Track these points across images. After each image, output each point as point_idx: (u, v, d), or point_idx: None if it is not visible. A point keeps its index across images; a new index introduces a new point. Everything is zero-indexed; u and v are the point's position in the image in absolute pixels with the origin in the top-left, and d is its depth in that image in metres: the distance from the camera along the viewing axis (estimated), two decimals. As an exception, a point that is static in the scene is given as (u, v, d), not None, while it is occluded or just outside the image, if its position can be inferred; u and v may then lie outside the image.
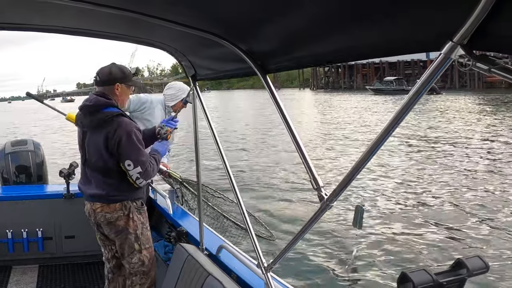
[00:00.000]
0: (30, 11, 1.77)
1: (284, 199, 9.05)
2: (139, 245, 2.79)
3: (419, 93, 0.98)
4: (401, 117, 1.05)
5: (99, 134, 2.68)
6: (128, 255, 2.80)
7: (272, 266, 1.95)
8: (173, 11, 1.61)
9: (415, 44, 1.00)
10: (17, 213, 4.00)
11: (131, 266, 2.81)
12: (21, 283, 3.80)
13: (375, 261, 6.08)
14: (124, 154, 2.62)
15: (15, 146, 4.52)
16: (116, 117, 2.67)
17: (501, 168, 11.24)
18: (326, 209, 1.43)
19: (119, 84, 2.78)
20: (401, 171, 11.42)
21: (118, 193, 2.73)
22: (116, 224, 2.75)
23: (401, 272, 1.24)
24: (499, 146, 14.51)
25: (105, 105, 2.70)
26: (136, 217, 2.78)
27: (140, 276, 2.82)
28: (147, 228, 2.87)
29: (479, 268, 1.31)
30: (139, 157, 2.65)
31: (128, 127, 2.66)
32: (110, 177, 2.71)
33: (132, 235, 2.76)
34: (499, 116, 23.46)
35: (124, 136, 2.62)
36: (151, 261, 2.85)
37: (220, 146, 2.39)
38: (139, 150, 2.67)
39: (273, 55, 1.62)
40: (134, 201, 2.78)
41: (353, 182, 1.31)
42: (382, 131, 1.12)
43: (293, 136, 1.55)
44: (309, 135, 19.44)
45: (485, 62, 0.78)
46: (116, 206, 2.73)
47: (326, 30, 1.21)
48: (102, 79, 2.78)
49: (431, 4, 0.85)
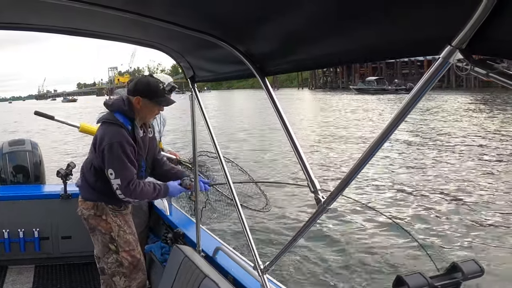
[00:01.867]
0: (30, 11, 1.77)
1: (281, 200, 9.04)
2: (115, 247, 2.79)
3: (417, 97, 0.98)
4: (398, 121, 1.05)
5: (97, 132, 2.75)
6: (104, 254, 2.84)
7: (268, 268, 1.95)
8: (172, 12, 1.61)
9: (414, 48, 1.00)
10: (14, 213, 3.99)
11: (108, 266, 2.83)
12: (17, 283, 3.79)
13: (370, 264, 6.08)
14: (107, 162, 2.63)
15: (13, 146, 4.51)
16: (112, 125, 2.67)
17: (498, 170, 11.27)
18: (323, 212, 1.43)
19: (141, 98, 2.71)
20: (397, 174, 11.43)
21: (93, 191, 2.79)
22: (89, 221, 2.82)
23: (396, 276, 1.25)
24: (498, 146, 14.55)
25: (118, 110, 2.72)
26: (111, 219, 2.78)
27: (121, 277, 2.79)
28: (127, 231, 2.82)
29: (474, 271, 1.32)
30: (120, 169, 2.61)
31: (116, 138, 2.62)
32: (91, 175, 2.78)
33: (105, 235, 2.79)
34: (495, 115, 23.78)
35: (108, 145, 2.62)
36: (134, 263, 2.81)
37: (218, 148, 2.39)
38: (122, 163, 2.61)
39: (272, 57, 1.62)
40: (109, 204, 2.79)
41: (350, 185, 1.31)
42: (379, 135, 1.12)
43: (291, 139, 1.56)
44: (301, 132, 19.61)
45: (483, 67, 0.78)
46: (89, 204, 2.80)
47: (325, 33, 1.22)
48: (129, 87, 2.80)
49: (430, 8, 0.85)
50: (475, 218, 7.80)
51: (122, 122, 2.68)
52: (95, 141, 2.71)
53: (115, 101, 2.78)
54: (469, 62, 0.80)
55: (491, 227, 7.36)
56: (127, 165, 2.63)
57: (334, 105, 39.50)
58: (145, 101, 2.71)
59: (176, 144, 14.07)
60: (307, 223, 1.55)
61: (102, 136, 2.66)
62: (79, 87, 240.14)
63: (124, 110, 2.71)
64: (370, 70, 68.11)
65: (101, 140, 2.65)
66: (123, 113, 2.71)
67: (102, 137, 2.66)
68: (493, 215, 7.90)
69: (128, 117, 2.71)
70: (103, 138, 2.64)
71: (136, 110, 2.73)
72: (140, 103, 2.71)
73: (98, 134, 2.71)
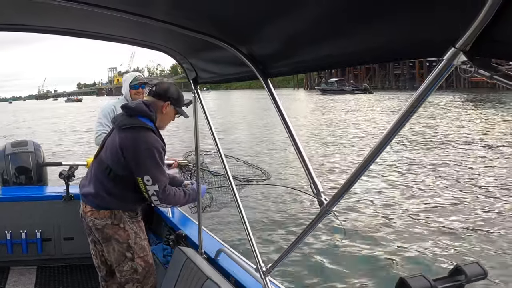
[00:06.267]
0: (31, 12, 1.78)
1: (284, 203, 9.03)
2: (132, 254, 2.69)
3: (421, 99, 0.97)
4: (403, 123, 1.04)
5: (120, 137, 2.59)
6: (119, 263, 2.70)
7: (270, 270, 1.95)
8: (175, 14, 1.62)
9: (417, 50, 1.00)
10: (17, 214, 3.99)
11: (122, 274, 2.71)
12: (19, 284, 3.79)
13: (373, 266, 6.07)
14: (143, 169, 2.51)
15: (15, 147, 4.52)
16: (145, 130, 2.58)
17: (501, 168, 11.23)
18: (326, 214, 1.43)
19: (170, 104, 2.71)
20: (399, 176, 11.41)
21: (110, 199, 2.63)
22: (104, 231, 2.66)
23: (399, 278, 1.24)
24: (497, 145, 14.53)
25: (144, 114, 2.63)
26: (128, 227, 2.67)
27: (134, 283, 2.71)
28: (142, 237, 2.75)
29: (478, 274, 1.31)
30: (158, 175, 2.53)
31: (153, 143, 2.56)
32: (113, 181, 2.62)
33: (122, 244, 2.67)
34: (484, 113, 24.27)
35: (145, 151, 2.52)
36: (146, 269, 2.74)
37: (220, 149, 2.39)
38: (160, 168, 2.56)
39: (275, 59, 1.62)
40: (126, 211, 2.69)
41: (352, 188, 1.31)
42: (383, 137, 1.11)
43: (293, 141, 1.55)
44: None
45: (487, 69, 0.78)
46: (105, 213, 2.63)
47: (326, 34, 1.22)
48: (158, 91, 2.73)
49: (434, 10, 0.85)
50: (477, 220, 7.78)
51: (151, 126, 2.62)
52: (121, 147, 2.56)
53: (137, 104, 2.68)
54: (473, 64, 0.80)
55: (495, 229, 7.33)
56: (163, 171, 2.58)
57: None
58: (171, 108, 2.72)
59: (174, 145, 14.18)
60: (309, 225, 1.55)
61: (134, 141, 2.55)
62: (79, 87, 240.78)
63: (149, 114, 2.63)
64: (363, 70, 69.06)
65: (134, 146, 2.54)
66: (148, 118, 2.63)
67: (135, 142, 2.54)
68: (497, 217, 7.88)
69: (152, 121, 2.65)
70: (138, 143, 2.53)
71: (159, 115, 2.70)
72: (167, 109, 2.71)
73: (124, 140, 2.57)
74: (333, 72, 73.35)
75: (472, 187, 10.10)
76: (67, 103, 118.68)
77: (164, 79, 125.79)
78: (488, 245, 6.67)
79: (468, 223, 7.69)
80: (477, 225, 7.58)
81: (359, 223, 7.81)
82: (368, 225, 7.71)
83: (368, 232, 7.36)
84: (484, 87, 49.12)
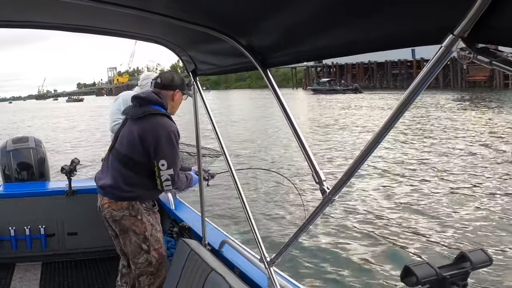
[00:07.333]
0: (30, 8, 1.77)
1: (286, 193, 9.05)
2: (148, 246, 2.73)
3: (419, 86, 0.97)
4: (402, 111, 1.04)
5: (138, 126, 2.66)
6: (135, 255, 2.75)
7: (274, 260, 1.95)
8: (173, 6, 1.60)
9: (415, 37, 0.99)
10: (20, 210, 4.00)
11: (137, 266, 2.76)
12: (25, 280, 3.81)
13: (378, 255, 6.09)
14: (161, 153, 2.59)
15: (17, 144, 4.52)
16: (161, 116, 2.69)
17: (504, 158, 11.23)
18: (328, 203, 1.42)
19: (179, 91, 2.84)
20: (403, 164, 11.41)
21: (129, 190, 2.67)
22: (121, 223, 2.70)
23: (404, 266, 1.24)
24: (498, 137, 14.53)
25: (156, 102, 2.73)
26: (146, 219, 2.73)
27: (148, 276, 2.76)
28: (157, 229, 2.80)
29: (483, 261, 1.30)
30: (174, 159, 2.63)
31: (171, 128, 2.66)
32: (132, 171, 2.67)
33: (139, 235, 2.71)
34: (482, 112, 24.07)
35: (165, 136, 2.61)
36: (159, 261, 2.79)
37: (221, 141, 2.38)
38: (175, 153, 2.67)
39: (273, 49, 1.61)
40: (143, 202, 2.74)
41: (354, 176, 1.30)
42: (382, 125, 1.11)
43: (295, 131, 1.55)
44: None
45: (486, 55, 0.78)
46: (123, 205, 2.68)
47: (326, 23, 1.20)
48: (163, 82, 2.82)
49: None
50: (482, 207, 7.79)
51: (165, 112, 2.73)
52: (139, 135, 2.62)
53: (148, 94, 2.80)
54: (471, 51, 0.79)
55: (499, 216, 7.34)
56: (178, 155, 2.71)
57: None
58: (179, 94, 2.85)
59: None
60: (312, 214, 1.54)
61: (154, 127, 2.63)
62: (79, 87, 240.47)
63: (160, 102, 2.74)
64: (361, 70, 69.61)
65: (154, 131, 2.61)
66: (160, 105, 2.73)
67: (154, 128, 2.62)
68: (502, 204, 7.89)
69: (164, 108, 2.76)
70: (156, 129, 2.62)
71: (170, 103, 2.82)
72: (177, 96, 2.84)
73: (143, 128, 2.64)
74: (331, 71, 73.76)
75: (475, 175, 10.11)
76: (68, 103, 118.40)
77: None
78: (493, 231, 6.69)
79: (472, 210, 7.71)
80: (481, 211, 7.60)
81: (363, 213, 7.82)
82: (371, 213, 7.73)
83: (372, 221, 7.38)
84: (481, 87, 48.91)
